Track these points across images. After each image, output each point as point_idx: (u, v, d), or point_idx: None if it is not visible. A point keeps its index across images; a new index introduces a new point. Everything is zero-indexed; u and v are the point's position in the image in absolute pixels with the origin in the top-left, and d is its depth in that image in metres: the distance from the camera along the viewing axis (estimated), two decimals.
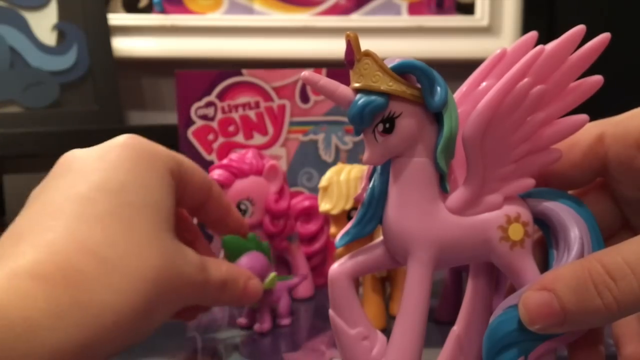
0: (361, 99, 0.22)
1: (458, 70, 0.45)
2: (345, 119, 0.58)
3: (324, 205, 0.41)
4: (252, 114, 0.58)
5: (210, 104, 0.57)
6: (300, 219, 0.49)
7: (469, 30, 0.80)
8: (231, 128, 0.58)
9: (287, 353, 0.38)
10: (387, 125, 0.23)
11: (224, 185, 0.45)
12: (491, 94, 0.23)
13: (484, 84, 0.26)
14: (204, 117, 0.57)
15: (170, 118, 0.65)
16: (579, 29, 0.23)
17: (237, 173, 0.45)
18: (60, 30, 0.74)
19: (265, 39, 0.79)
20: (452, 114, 0.23)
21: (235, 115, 0.58)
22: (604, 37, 0.23)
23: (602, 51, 0.23)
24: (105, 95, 0.74)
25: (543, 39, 0.24)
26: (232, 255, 0.38)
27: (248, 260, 0.37)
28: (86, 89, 0.74)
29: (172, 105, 0.62)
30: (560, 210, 0.25)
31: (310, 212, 0.49)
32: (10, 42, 0.71)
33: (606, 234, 0.26)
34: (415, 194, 0.24)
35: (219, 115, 0.58)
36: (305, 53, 0.78)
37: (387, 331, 0.28)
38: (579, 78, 0.24)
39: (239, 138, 0.58)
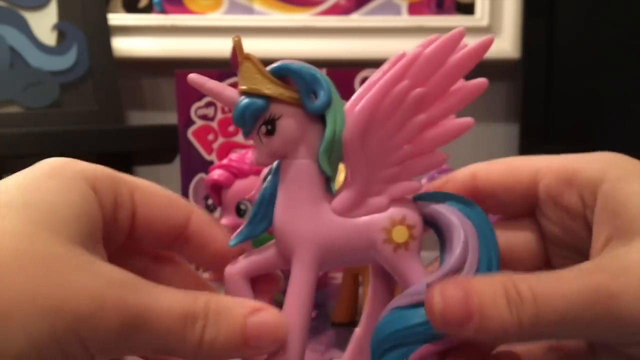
0: (243, 102, 0.23)
1: None
2: None
3: None
4: None
5: (210, 104, 0.57)
6: None
7: (469, 30, 0.79)
8: (231, 128, 0.58)
9: None
10: (269, 127, 0.23)
11: (224, 185, 0.45)
12: (368, 97, 0.23)
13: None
14: (204, 117, 0.57)
15: (170, 118, 0.65)
16: (458, 31, 0.23)
17: (237, 173, 0.45)
18: (60, 30, 0.74)
19: (265, 39, 0.79)
20: (337, 116, 0.23)
21: None
22: (486, 40, 0.23)
23: (484, 54, 0.23)
24: (105, 95, 0.74)
25: (542, 39, 0.24)
26: None
27: None
28: (86, 89, 0.74)
29: (172, 105, 0.62)
30: (446, 211, 0.24)
31: None
32: (10, 42, 0.71)
33: (528, 268, 0.25)
34: (299, 195, 0.24)
35: (219, 115, 0.58)
36: (305, 53, 0.78)
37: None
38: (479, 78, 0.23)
39: (239, 138, 0.58)
